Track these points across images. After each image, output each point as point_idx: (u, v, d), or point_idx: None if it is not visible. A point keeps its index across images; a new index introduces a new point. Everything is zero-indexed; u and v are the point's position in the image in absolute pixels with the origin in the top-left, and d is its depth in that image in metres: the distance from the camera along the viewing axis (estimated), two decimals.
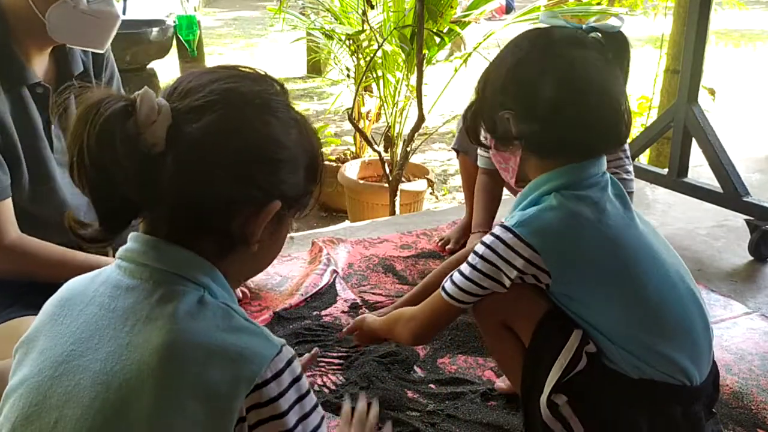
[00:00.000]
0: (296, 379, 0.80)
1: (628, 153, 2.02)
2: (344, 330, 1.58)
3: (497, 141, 1.25)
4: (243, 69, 0.88)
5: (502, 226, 1.18)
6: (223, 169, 0.79)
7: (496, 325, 1.23)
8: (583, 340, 1.14)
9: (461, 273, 1.21)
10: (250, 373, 0.76)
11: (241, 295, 1.92)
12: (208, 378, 0.75)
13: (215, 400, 0.74)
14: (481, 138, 1.30)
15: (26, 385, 0.79)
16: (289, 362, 0.80)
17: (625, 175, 1.93)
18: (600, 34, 1.21)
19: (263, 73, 0.89)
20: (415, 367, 1.64)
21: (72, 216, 0.80)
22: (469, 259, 1.21)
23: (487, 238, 1.19)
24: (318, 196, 0.92)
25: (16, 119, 1.38)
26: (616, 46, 1.21)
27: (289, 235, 0.94)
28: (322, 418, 0.84)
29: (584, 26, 1.24)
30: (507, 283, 1.16)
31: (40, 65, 1.45)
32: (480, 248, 1.19)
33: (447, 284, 1.24)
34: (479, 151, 2.14)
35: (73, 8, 1.37)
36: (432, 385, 1.58)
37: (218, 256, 0.84)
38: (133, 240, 0.83)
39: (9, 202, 1.38)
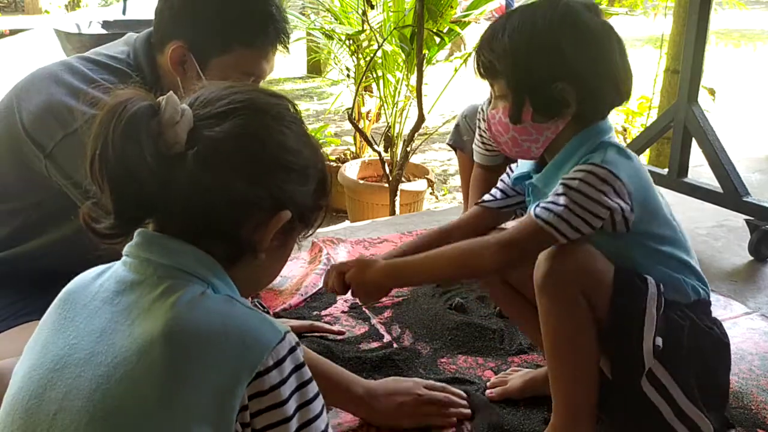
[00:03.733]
0: (298, 367, 0.80)
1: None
2: (330, 286, 1.31)
3: (543, 113, 1.24)
4: (260, 87, 0.94)
5: (591, 164, 1.18)
6: (239, 172, 0.81)
7: (575, 294, 1.18)
8: (657, 285, 1.20)
9: (557, 204, 1.16)
10: (251, 360, 0.76)
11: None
12: (210, 366, 0.75)
13: (219, 389, 0.75)
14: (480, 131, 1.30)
15: (28, 378, 0.80)
16: (292, 349, 0.80)
17: None
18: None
19: (278, 92, 0.93)
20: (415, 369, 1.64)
21: (87, 210, 0.81)
22: (562, 191, 1.17)
23: (579, 174, 1.17)
24: (324, 215, 0.95)
25: None
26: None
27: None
28: (323, 406, 0.83)
29: None
30: (605, 214, 1.16)
31: None
32: (574, 183, 1.16)
33: (540, 211, 1.17)
34: (474, 147, 2.14)
35: None
36: None
37: (226, 264, 0.84)
38: (139, 236, 0.84)
39: None
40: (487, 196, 1.48)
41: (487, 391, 1.53)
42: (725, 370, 1.30)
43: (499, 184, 1.48)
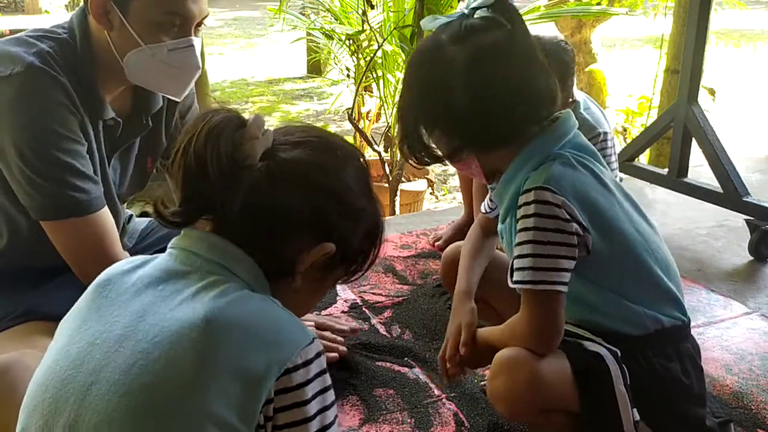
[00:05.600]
0: (322, 372, 0.83)
1: (610, 136, 2.03)
2: (457, 358, 1.33)
3: (442, 158, 1.24)
4: (337, 134, 1.02)
5: (536, 189, 1.12)
6: (296, 192, 0.88)
7: (538, 413, 1.17)
8: (613, 354, 1.16)
9: (523, 256, 1.12)
10: (282, 356, 0.80)
11: None
12: (244, 356, 0.78)
13: (249, 378, 0.78)
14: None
15: (65, 351, 0.83)
16: (318, 354, 0.83)
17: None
18: (486, 9, 1.18)
19: (355, 145, 1.00)
20: (415, 369, 1.65)
21: (161, 197, 0.88)
22: (524, 238, 1.13)
23: (529, 210, 1.12)
24: (367, 268, 0.99)
25: (90, 145, 1.40)
26: (504, 11, 1.18)
27: None
28: (336, 416, 0.86)
29: (466, 10, 1.20)
30: (573, 239, 1.12)
31: (117, 98, 1.46)
32: (529, 222, 1.12)
33: (517, 276, 1.13)
34: None
35: (152, 56, 1.35)
36: (432, 386, 1.58)
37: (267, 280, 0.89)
38: (188, 231, 0.89)
39: (108, 215, 1.38)
40: (483, 207, 1.51)
41: (482, 383, 1.54)
42: (689, 403, 1.22)
43: (490, 193, 1.48)
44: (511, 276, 1.15)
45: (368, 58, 3.44)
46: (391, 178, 3.36)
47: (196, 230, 0.89)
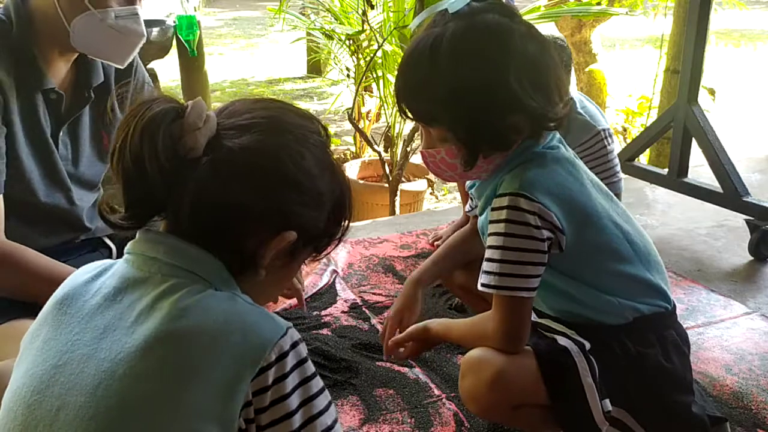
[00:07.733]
0: (301, 362, 0.80)
1: (609, 132, 2.00)
2: (393, 341, 1.40)
3: (497, 149, 1.19)
4: (292, 106, 0.93)
5: (508, 194, 1.12)
6: (248, 185, 0.82)
7: (510, 410, 1.18)
8: (580, 347, 1.17)
9: (492, 260, 1.13)
10: (254, 356, 0.76)
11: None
12: (212, 364, 0.75)
13: (220, 386, 0.74)
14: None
15: (30, 375, 0.80)
16: (294, 344, 0.79)
17: (610, 175, 1.94)
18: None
19: (311, 114, 0.92)
20: (415, 369, 1.64)
21: (105, 200, 0.83)
22: (493, 243, 1.14)
23: (501, 215, 1.13)
24: (337, 243, 0.95)
25: (26, 120, 1.39)
26: (501, 8, 1.16)
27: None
28: (330, 402, 0.83)
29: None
30: (543, 246, 1.12)
31: (59, 71, 1.46)
32: (500, 227, 1.13)
33: (485, 280, 1.15)
34: None
35: (100, 21, 1.37)
36: (432, 386, 1.58)
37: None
38: (143, 234, 0.84)
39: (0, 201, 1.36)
40: (467, 207, 1.51)
41: None
42: (671, 388, 1.22)
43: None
44: (481, 278, 1.17)
45: (368, 58, 3.44)
46: (391, 178, 3.36)
47: (152, 232, 0.84)
